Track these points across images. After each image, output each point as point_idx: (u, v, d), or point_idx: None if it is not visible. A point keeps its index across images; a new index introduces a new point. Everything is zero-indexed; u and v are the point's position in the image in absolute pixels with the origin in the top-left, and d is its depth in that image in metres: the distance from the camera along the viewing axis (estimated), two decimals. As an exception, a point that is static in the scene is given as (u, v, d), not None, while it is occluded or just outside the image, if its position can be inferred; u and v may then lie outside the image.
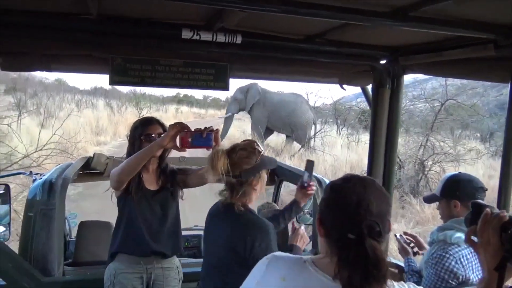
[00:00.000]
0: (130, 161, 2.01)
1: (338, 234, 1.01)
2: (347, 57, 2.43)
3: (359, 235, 0.97)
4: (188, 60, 2.24)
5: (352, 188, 1.05)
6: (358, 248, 0.97)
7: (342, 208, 1.03)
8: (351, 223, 0.99)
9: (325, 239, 1.06)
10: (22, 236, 2.29)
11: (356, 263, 0.96)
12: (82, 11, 1.87)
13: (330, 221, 1.05)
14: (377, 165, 2.63)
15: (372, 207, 1.01)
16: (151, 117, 2.34)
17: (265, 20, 1.99)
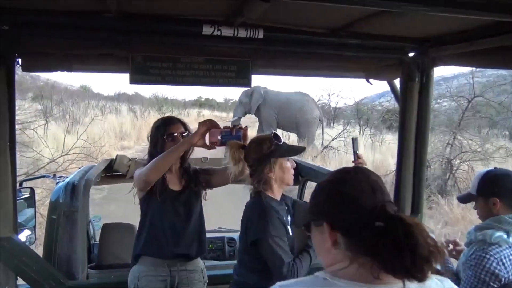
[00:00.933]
0: (159, 160, 1.98)
1: (361, 229, 0.90)
2: (374, 50, 2.34)
3: (388, 219, 0.88)
4: (209, 57, 2.19)
5: (358, 177, 0.97)
6: (393, 232, 0.86)
7: (358, 199, 0.93)
8: (374, 210, 0.90)
9: (344, 242, 0.93)
10: (45, 239, 2.28)
11: (399, 249, 0.85)
12: (102, 9, 1.85)
13: (347, 220, 0.93)
14: (406, 163, 2.51)
15: (384, 188, 0.95)
16: (172, 116, 2.31)
17: (288, 13, 1.92)
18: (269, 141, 1.89)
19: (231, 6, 1.84)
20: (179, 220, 2.17)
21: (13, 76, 1.99)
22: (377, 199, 0.92)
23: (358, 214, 0.92)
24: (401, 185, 2.54)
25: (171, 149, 1.99)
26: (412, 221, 0.88)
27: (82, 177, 2.35)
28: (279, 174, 1.89)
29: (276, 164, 1.88)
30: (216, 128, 1.93)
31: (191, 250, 2.18)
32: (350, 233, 0.92)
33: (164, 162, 1.98)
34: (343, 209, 0.94)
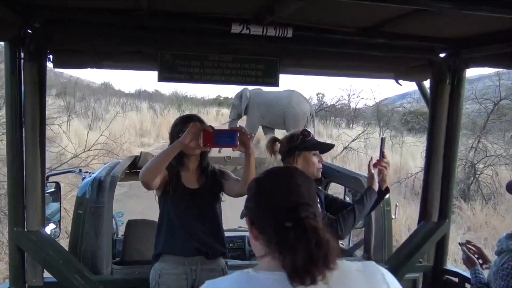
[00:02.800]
0: (153, 161, 1.97)
1: (273, 227, 0.96)
2: (404, 50, 2.29)
3: (296, 220, 0.93)
4: (237, 56, 2.17)
5: (277, 177, 1.04)
6: (297, 231, 0.92)
7: (272, 199, 0.99)
8: (285, 210, 0.95)
9: (261, 238, 0.99)
10: (71, 233, 2.31)
11: (297, 246, 0.91)
12: (133, 7, 1.85)
13: (262, 217, 1.00)
14: (435, 167, 2.45)
15: (302, 190, 0.98)
16: (191, 114, 2.30)
17: (317, 12, 1.89)
18: (297, 136, 2.08)
19: (262, 4, 1.82)
20: (196, 219, 2.16)
21: (45, 72, 2.02)
22: (291, 201, 0.96)
23: (271, 213, 0.97)
24: (428, 190, 2.48)
25: (165, 150, 1.97)
26: (316, 224, 0.93)
27: (108, 173, 2.37)
28: (304, 166, 2.03)
29: (300, 157, 2.06)
30: (208, 130, 1.91)
31: (209, 249, 2.17)
32: (265, 230, 0.98)
33: (157, 163, 1.96)
34: (258, 208, 1.01)
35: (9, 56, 1.93)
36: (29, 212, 2.02)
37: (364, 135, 14.38)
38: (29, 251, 2.05)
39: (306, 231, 0.91)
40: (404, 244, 2.53)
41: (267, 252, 0.97)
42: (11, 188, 2.01)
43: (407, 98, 21.39)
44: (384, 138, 2.26)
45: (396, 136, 16.42)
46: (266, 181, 1.04)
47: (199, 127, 1.90)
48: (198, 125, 1.91)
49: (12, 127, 1.97)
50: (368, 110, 22.75)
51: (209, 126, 1.92)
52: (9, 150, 1.99)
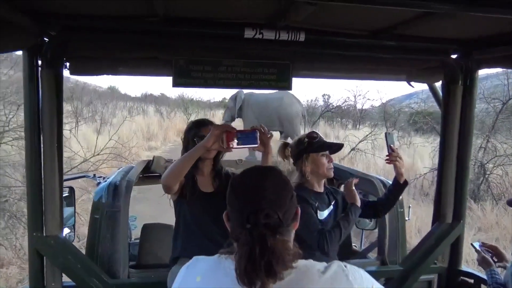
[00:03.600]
0: (176, 164, 1.98)
1: (238, 226, 1.00)
2: (415, 52, 2.29)
3: (254, 224, 0.96)
4: (249, 60, 2.19)
5: (248, 178, 1.07)
6: (248, 236, 0.95)
7: (239, 199, 1.03)
8: (248, 213, 0.98)
9: (231, 233, 1.05)
10: (88, 238, 2.33)
11: (243, 250, 0.95)
12: (148, 13, 1.88)
13: (232, 214, 1.05)
14: (448, 168, 2.45)
15: (268, 195, 1.00)
16: (204, 118, 2.31)
17: (330, 16, 1.90)
18: (304, 139, 2.16)
19: (274, 9, 1.84)
20: (212, 222, 2.17)
21: (62, 79, 2.05)
22: (252, 205, 0.99)
23: (236, 212, 1.02)
24: (442, 191, 2.49)
25: (187, 154, 1.98)
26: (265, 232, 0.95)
27: (123, 178, 2.40)
28: (313, 167, 2.13)
29: (308, 159, 2.13)
30: (231, 130, 1.91)
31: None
32: (233, 226, 1.04)
33: (181, 166, 1.97)
34: (230, 204, 1.06)
35: (27, 64, 1.96)
36: (48, 217, 2.05)
37: (371, 136, 14.33)
38: (48, 255, 2.08)
39: (254, 239, 0.95)
40: (419, 245, 2.53)
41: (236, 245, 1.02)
42: (30, 194, 2.04)
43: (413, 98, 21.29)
44: (388, 132, 2.28)
45: (404, 136, 16.35)
46: (238, 180, 1.08)
47: (221, 128, 1.90)
48: (221, 126, 1.92)
49: (31, 134, 2.00)
50: (375, 111, 22.69)
51: (230, 127, 1.93)
52: (28, 156, 2.02)
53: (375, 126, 17.81)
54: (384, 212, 2.33)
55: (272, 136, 2.00)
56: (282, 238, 0.97)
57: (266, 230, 0.95)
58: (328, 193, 2.22)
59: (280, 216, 0.98)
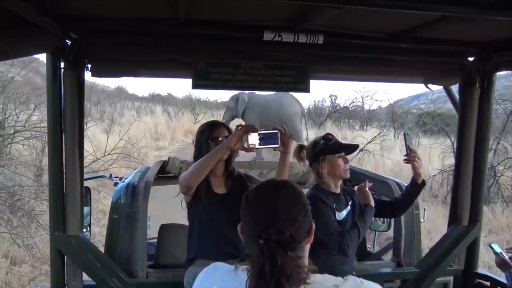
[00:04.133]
0: (198, 164, 2.00)
1: (251, 241, 1.01)
2: (433, 55, 2.30)
3: (265, 240, 0.96)
4: (268, 62, 2.21)
5: (262, 194, 1.07)
6: (258, 254, 0.96)
7: (253, 213, 1.03)
8: (260, 228, 0.98)
9: (244, 247, 1.06)
10: (107, 237, 2.36)
11: (255, 266, 0.96)
12: (169, 16, 1.90)
13: (245, 228, 1.06)
14: (465, 171, 2.45)
15: (280, 211, 1.00)
16: (217, 120, 2.32)
17: (348, 18, 1.92)
18: (320, 140, 2.18)
19: (295, 12, 1.85)
20: (226, 223, 2.18)
21: (83, 81, 2.08)
22: (264, 221, 0.99)
23: (250, 227, 1.03)
24: (458, 193, 2.48)
25: (210, 153, 2.00)
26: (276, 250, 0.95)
27: (141, 178, 2.42)
28: (330, 169, 2.14)
29: (325, 161, 2.15)
30: (253, 131, 1.92)
31: (242, 253, 2.20)
32: (247, 239, 1.04)
33: (203, 166, 1.99)
34: (243, 218, 1.07)
35: (50, 66, 1.99)
36: (69, 217, 2.08)
37: (379, 137, 14.29)
38: (69, 254, 2.11)
39: (264, 256, 0.95)
40: (435, 247, 2.53)
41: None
42: (52, 194, 2.07)
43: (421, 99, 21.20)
44: (407, 132, 2.31)
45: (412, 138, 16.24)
46: (252, 194, 1.08)
47: (245, 129, 1.92)
48: (244, 127, 1.93)
49: (53, 134, 2.03)
50: (382, 112, 22.60)
51: (253, 128, 1.95)
52: (51, 157, 2.05)
53: (384, 127, 17.73)
54: (401, 211, 2.34)
55: (292, 137, 2.00)
56: (294, 254, 0.98)
57: (277, 247, 0.95)
58: (345, 194, 2.24)
59: (292, 233, 0.98)
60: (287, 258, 0.95)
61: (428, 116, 14.09)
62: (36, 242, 5.22)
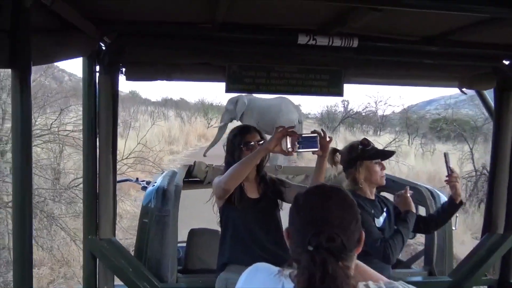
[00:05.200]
0: (236, 168, 1.99)
1: (299, 246, 0.98)
2: (469, 58, 2.26)
3: (316, 247, 0.94)
4: (302, 66, 2.19)
5: (312, 198, 1.04)
6: (310, 259, 0.93)
7: (302, 218, 1.01)
8: (310, 234, 0.95)
9: (291, 249, 1.04)
10: (137, 241, 2.36)
11: (304, 274, 0.93)
12: (204, 20, 1.90)
13: (293, 233, 1.03)
14: (500, 178, 2.39)
15: (332, 218, 0.97)
16: (248, 125, 2.31)
17: (384, 21, 1.89)
18: (357, 145, 2.15)
19: (331, 14, 1.83)
20: (259, 228, 2.17)
21: (117, 85, 2.08)
22: (316, 227, 0.96)
23: (299, 232, 1.00)
24: (493, 201, 2.43)
25: (249, 156, 1.99)
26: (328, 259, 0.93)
27: (170, 182, 2.41)
28: (366, 175, 2.12)
29: (362, 167, 2.12)
30: (293, 134, 1.91)
31: (274, 257, 2.17)
32: (294, 245, 1.02)
33: (242, 169, 1.98)
34: (292, 223, 1.04)
35: (86, 70, 2.00)
36: (102, 221, 2.07)
37: (394, 143, 14.17)
38: (102, 258, 2.11)
39: (315, 264, 0.92)
40: (469, 256, 2.47)
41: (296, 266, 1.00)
42: (86, 198, 2.07)
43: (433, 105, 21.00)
44: (447, 153, 2.28)
45: (427, 143, 16.11)
46: (302, 199, 1.05)
47: (284, 132, 1.90)
48: (284, 129, 1.92)
49: (88, 138, 2.04)
50: (396, 117, 22.43)
51: (293, 131, 1.93)
52: (85, 160, 2.05)
53: (399, 132, 17.58)
54: (435, 229, 2.32)
55: (332, 140, 1.98)
56: (344, 264, 0.95)
57: (328, 255, 0.93)
58: (379, 201, 2.21)
59: (343, 241, 0.95)
60: (338, 267, 0.93)
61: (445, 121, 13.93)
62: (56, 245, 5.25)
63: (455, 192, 2.12)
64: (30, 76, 1.24)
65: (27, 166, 1.26)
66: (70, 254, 5.22)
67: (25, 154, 1.25)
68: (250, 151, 2.11)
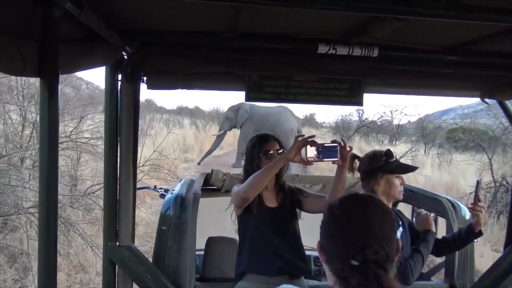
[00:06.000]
0: (257, 177, 1.98)
1: (339, 261, 0.93)
2: (491, 68, 2.23)
3: (363, 262, 0.89)
4: (321, 75, 2.19)
5: (350, 209, 0.99)
6: (359, 275, 0.89)
7: (341, 232, 0.96)
8: (352, 248, 0.91)
9: (328, 267, 0.98)
10: (155, 248, 2.36)
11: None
12: (226, 29, 1.91)
13: (330, 247, 0.97)
14: None
15: (375, 229, 0.93)
16: (267, 133, 2.30)
17: (404, 31, 1.88)
18: (380, 156, 2.08)
19: (352, 24, 1.83)
20: (277, 237, 2.15)
21: (139, 93, 2.11)
22: (360, 240, 0.92)
23: (338, 246, 0.95)
24: None
25: (269, 166, 1.98)
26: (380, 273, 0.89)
27: (189, 190, 2.42)
28: (385, 188, 2.05)
29: (382, 179, 2.05)
30: (313, 144, 1.89)
31: (292, 267, 2.16)
32: (332, 260, 0.97)
33: (262, 178, 1.98)
34: (328, 236, 0.98)
35: (109, 79, 2.04)
36: (122, 227, 2.10)
37: (411, 152, 14.01)
38: (121, 265, 2.12)
39: (368, 279, 0.88)
40: (491, 269, 2.42)
41: (335, 282, 0.95)
42: (107, 204, 2.10)
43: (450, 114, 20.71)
44: (479, 180, 2.21)
45: (443, 153, 15.89)
46: (339, 210, 0.99)
47: (305, 141, 1.89)
48: (304, 139, 1.90)
49: (110, 146, 2.07)
50: (411, 127, 22.19)
51: (313, 140, 1.91)
52: (106, 168, 2.08)
53: (415, 142, 17.37)
54: (446, 253, 2.28)
55: (352, 150, 1.96)
56: (393, 276, 0.92)
57: (378, 269, 0.89)
58: (395, 215, 2.16)
59: (387, 251, 0.92)
60: (390, 280, 0.90)
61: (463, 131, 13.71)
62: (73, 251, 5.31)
63: (477, 221, 2.04)
64: (58, 84, 1.27)
65: (53, 172, 1.28)
66: (86, 260, 5.26)
67: (51, 160, 1.27)
68: (269, 160, 2.11)
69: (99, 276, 4.81)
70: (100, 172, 7.59)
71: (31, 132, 5.71)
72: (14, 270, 4.53)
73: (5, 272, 4.47)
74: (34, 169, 5.44)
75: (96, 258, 5.05)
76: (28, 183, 5.13)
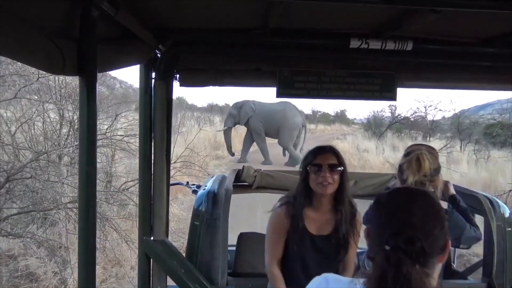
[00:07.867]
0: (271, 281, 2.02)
1: (377, 245, 0.95)
2: None
3: (393, 248, 0.91)
4: (354, 70, 2.17)
5: (396, 199, 1.01)
6: (382, 260, 0.91)
7: (382, 217, 0.99)
8: (388, 233, 0.93)
9: (369, 250, 1.02)
10: (188, 243, 2.40)
11: (377, 273, 0.91)
12: (257, 26, 1.92)
13: (372, 231, 1.00)
14: None
15: (415, 220, 0.93)
16: (326, 145, 2.02)
17: (439, 23, 1.83)
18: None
19: (385, 17, 1.80)
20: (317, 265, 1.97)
21: (172, 91, 2.15)
22: (396, 227, 0.94)
23: (378, 230, 0.98)
24: None
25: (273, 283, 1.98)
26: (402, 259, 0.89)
27: (221, 186, 2.45)
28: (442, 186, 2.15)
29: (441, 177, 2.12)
30: None
31: None
32: (371, 245, 1.00)
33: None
34: (372, 223, 1.02)
35: (143, 76, 2.08)
36: (156, 222, 2.14)
37: (445, 149, 13.60)
38: (156, 259, 2.17)
39: (389, 263, 0.89)
40: None
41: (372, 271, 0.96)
42: (142, 200, 2.15)
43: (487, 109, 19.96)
44: None
45: (480, 150, 15.36)
46: (385, 198, 1.03)
47: None
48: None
49: (145, 142, 2.12)
50: (446, 123, 21.54)
51: None
52: (141, 164, 2.13)
53: (451, 138, 16.85)
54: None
55: None
56: (423, 269, 0.90)
57: (404, 257, 0.89)
58: None
59: (424, 245, 0.91)
60: (414, 270, 0.89)
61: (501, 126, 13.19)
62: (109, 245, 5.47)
63: None
64: (96, 82, 1.31)
65: (92, 167, 1.32)
66: (121, 254, 5.40)
67: (90, 154, 1.31)
68: (316, 175, 1.89)
69: (134, 269, 4.94)
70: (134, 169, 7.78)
71: (68, 130, 5.90)
72: (53, 263, 4.70)
73: (45, 265, 4.65)
74: (72, 165, 5.63)
75: (131, 252, 5.18)
76: (66, 179, 5.31)
